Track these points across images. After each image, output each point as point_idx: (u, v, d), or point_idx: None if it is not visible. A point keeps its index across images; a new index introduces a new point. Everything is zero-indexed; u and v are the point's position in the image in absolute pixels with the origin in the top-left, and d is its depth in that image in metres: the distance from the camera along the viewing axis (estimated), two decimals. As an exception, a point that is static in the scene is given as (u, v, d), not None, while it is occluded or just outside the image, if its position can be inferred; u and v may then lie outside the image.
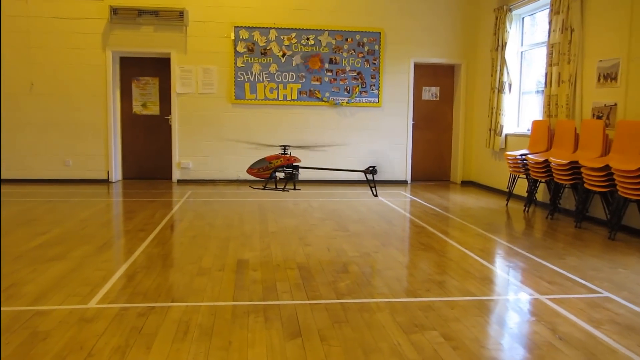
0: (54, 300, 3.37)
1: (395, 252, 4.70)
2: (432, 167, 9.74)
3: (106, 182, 8.85)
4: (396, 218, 6.26)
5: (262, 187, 5.23)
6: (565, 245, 5.00)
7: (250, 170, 5.15)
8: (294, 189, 5.21)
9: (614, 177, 5.05)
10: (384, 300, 3.45)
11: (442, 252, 4.71)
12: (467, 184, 9.49)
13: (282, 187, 5.15)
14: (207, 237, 5.16)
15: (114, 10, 8.47)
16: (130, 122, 9.12)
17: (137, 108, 9.10)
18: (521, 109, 8.25)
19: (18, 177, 8.67)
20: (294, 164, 5.10)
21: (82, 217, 6.03)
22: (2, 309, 3.23)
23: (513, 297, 3.61)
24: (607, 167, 5.20)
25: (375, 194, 5.31)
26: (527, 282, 3.90)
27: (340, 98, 9.04)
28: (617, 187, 5.03)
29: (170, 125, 8.96)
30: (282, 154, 5.11)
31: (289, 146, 5.23)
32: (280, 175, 5.18)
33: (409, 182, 9.43)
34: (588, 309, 3.33)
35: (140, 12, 8.55)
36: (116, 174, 9.01)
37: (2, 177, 8.63)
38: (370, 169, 5.09)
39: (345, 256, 4.54)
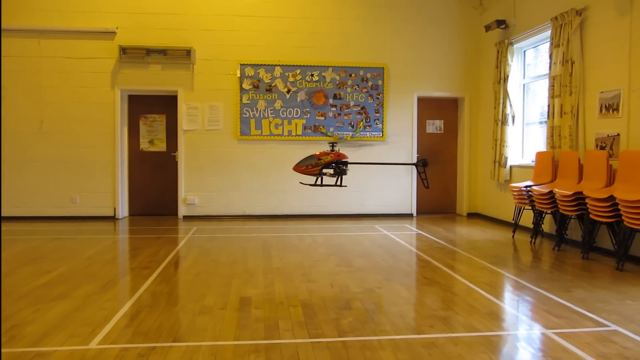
0: (55, 341, 3.36)
1: (399, 287, 4.66)
2: (438, 200, 9.72)
3: (113, 218, 8.91)
4: (401, 252, 6.22)
5: (313, 184, 5.64)
6: (573, 278, 4.93)
7: (297, 167, 5.50)
8: (341, 185, 5.64)
9: (619, 207, 5.02)
10: (387, 338, 3.41)
11: (447, 287, 4.66)
12: (474, 215, 9.45)
13: (334, 182, 5.57)
14: (211, 274, 5.16)
15: (123, 50, 8.69)
16: (138, 159, 9.23)
17: (144, 145, 9.22)
18: (525, 141, 8.27)
19: (26, 215, 8.75)
20: (343, 160, 5.46)
21: (88, 254, 6.06)
22: (5, 350, 3.22)
23: (519, 332, 3.55)
24: (611, 198, 5.17)
25: (427, 185, 5.82)
26: (534, 317, 3.84)
27: (345, 133, 9.12)
28: (623, 218, 4.99)
29: (177, 162, 9.06)
30: (331, 150, 5.43)
31: (336, 143, 5.77)
32: (328, 171, 5.52)
33: (415, 215, 9.40)
34: (596, 343, 3.27)
35: (149, 51, 8.76)
36: (123, 210, 9.07)
37: (10, 215, 8.72)
38: (422, 161, 5.67)
39: (348, 292, 4.50)
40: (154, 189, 9.28)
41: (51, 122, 8.76)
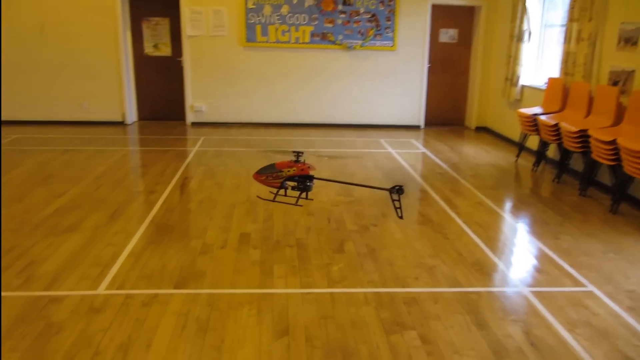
0: (67, 284, 3.64)
1: (393, 225, 4.84)
2: (447, 111, 9.61)
3: (122, 124, 9.02)
4: (402, 178, 6.32)
5: (272, 199, 4.66)
6: (564, 220, 5.05)
7: (257, 176, 4.53)
8: (307, 198, 4.70)
9: (621, 153, 4.99)
10: (372, 291, 3.64)
11: (440, 227, 4.83)
12: (482, 130, 9.39)
13: (295, 201, 4.57)
14: (214, 202, 5.35)
15: (122, -53, 8.20)
16: (143, 64, 9.10)
17: (148, 49, 9.04)
18: (540, 60, 7.94)
19: (37, 119, 8.88)
20: (308, 174, 4.48)
21: (97, 173, 6.26)
22: (20, 293, 3.52)
23: (498, 289, 3.74)
24: (615, 142, 5.11)
25: (400, 215, 4.55)
26: (516, 271, 4.02)
27: (354, 41, 8.81)
28: (623, 164, 4.98)
29: (182, 67, 8.93)
30: (295, 161, 4.51)
31: (302, 153, 4.54)
32: (291, 184, 4.57)
33: (423, 127, 9.37)
34: (568, 307, 3.47)
35: (148, -52, 8.26)
36: (131, 115, 9.15)
37: (21, 119, 8.85)
38: (397, 188, 4.49)
39: (344, 230, 4.69)
40: (161, 94, 9.26)
41: (53, 27, 8.55)
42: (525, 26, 7.66)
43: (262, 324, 3.22)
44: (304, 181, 4.46)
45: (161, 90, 9.23)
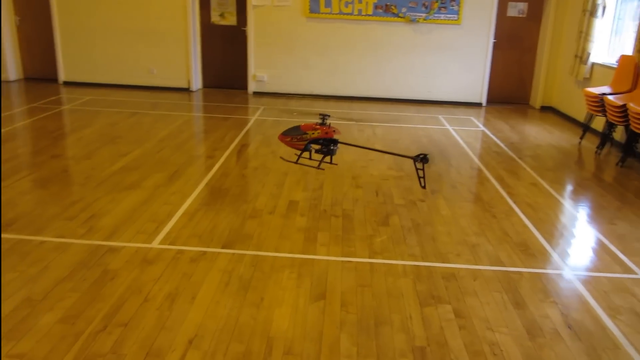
0: (124, 236, 3.92)
1: (441, 202, 4.82)
2: (511, 89, 9.29)
3: (187, 90, 9.35)
4: (456, 156, 6.24)
5: (295, 161, 4.61)
6: (623, 205, 4.85)
7: (282, 137, 4.51)
8: (330, 163, 4.59)
9: (692, 138, 4.70)
10: (412, 264, 3.69)
11: (489, 206, 4.77)
12: (547, 109, 9.02)
13: (317, 164, 4.53)
14: (268, 169, 5.52)
15: None
16: (209, 32, 9.34)
17: (215, 18, 9.26)
18: (614, 37, 7.50)
19: (109, 82, 9.37)
20: (333, 138, 4.40)
21: (161, 136, 6.57)
22: (83, 241, 3.83)
23: (541, 270, 3.69)
24: (687, 125, 4.83)
25: (423, 185, 4.50)
26: (563, 254, 3.94)
27: (417, 14, 8.64)
28: (693, 149, 4.70)
29: (247, 37, 9.10)
30: (320, 124, 4.41)
31: (328, 116, 4.45)
32: (315, 147, 4.50)
33: (484, 104, 9.12)
34: (612, 293, 3.38)
35: None
36: (196, 82, 9.45)
37: (94, 82, 9.37)
38: (421, 156, 4.38)
39: (391, 204, 4.73)
40: (225, 62, 9.49)
41: (126, -6, 8.94)
42: (599, 0, 7.23)
43: (300, 287, 3.35)
44: (328, 145, 4.41)
45: (225, 59, 9.46)
